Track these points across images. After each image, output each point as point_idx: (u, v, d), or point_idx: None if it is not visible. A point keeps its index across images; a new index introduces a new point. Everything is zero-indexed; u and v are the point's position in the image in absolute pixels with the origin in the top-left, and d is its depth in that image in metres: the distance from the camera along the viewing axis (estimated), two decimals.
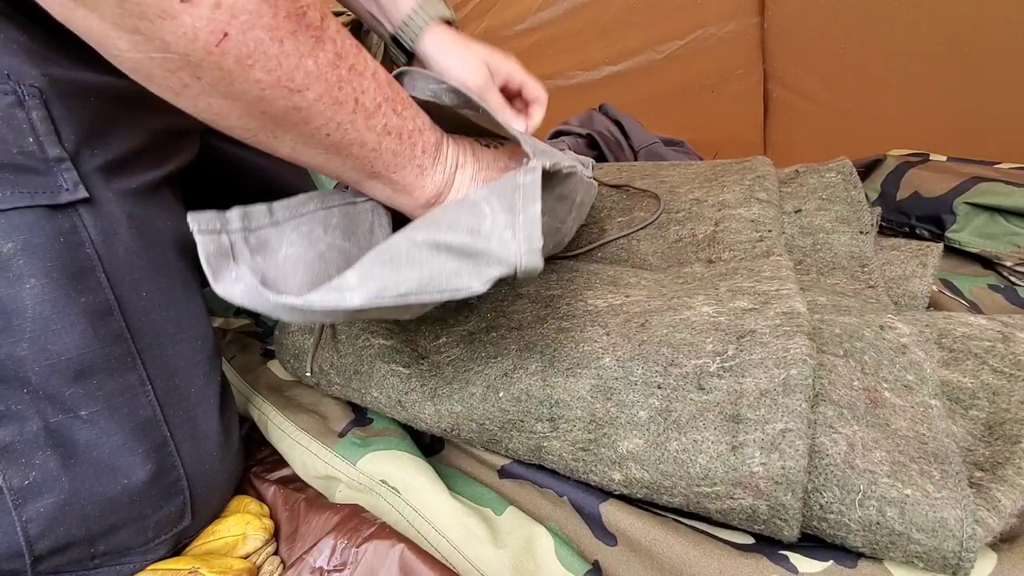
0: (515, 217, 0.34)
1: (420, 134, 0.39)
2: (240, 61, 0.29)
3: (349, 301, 0.31)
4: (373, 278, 0.31)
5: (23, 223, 0.35)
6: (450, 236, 0.33)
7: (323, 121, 0.34)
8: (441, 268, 0.32)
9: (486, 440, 0.43)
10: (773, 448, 0.33)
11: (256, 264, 0.35)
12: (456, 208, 0.35)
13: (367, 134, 0.36)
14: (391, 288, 0.31)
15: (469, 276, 0.32)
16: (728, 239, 0.54)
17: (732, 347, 0.37)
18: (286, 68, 0.31)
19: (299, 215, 0.38)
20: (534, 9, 1.20)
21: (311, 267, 0.37)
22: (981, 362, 0.41)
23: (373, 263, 0.32)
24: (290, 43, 0.30)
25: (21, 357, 0.35)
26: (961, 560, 0.31)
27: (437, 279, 0.32)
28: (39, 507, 0.36)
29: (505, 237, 0.33)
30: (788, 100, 1.15)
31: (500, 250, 0.33)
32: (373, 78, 0.35)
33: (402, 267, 0.32)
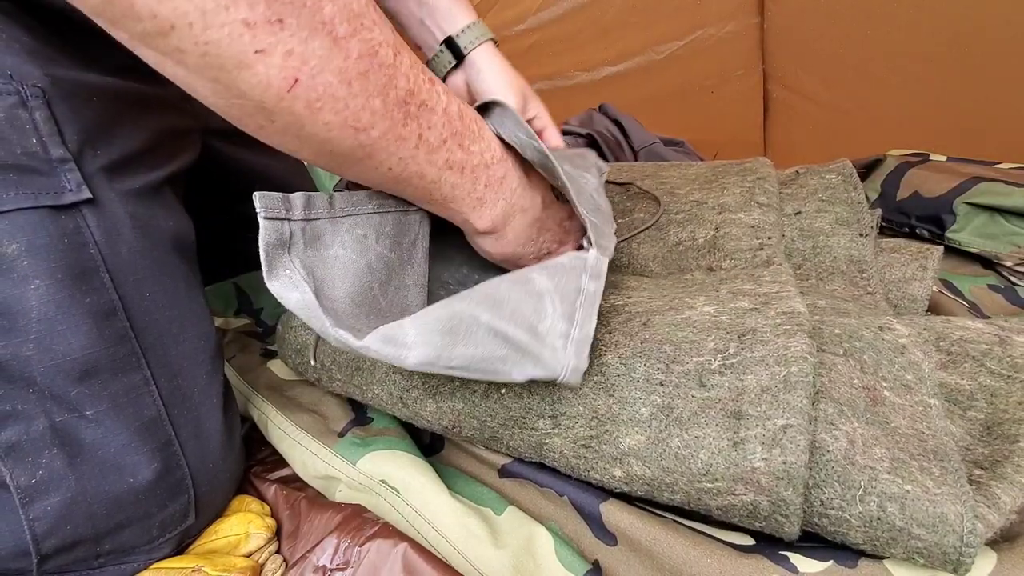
0: (571, 328, 0.36)
1: (485, 169, 0.40)
2: (310, 105, 0.30)
3: (404, 360, 0.33)
4: (431, 345, 0.33)
5: (27, 224, 0.35)
6: (511, 328, 0.35)
7: (385, 156, 0.35)
8: (492, 352, 0.34)
9: (487, 438, 0.43)
10: (774, 444, 0.33)
11: (307, 258, 0.36)
12: (520, 293, 0.37)
13: (428, 168, 0.37)
14: (444, 359, 0.33)
15: (513, 366, 0.35)
16: (728, 246, 0.54)
17: (733, 345, 0.38)
18: (353, 108, 0.32)
19: (357, 213, 0.39)
20: (534, 9, 1.20)
21: (359, 276, 0.38)
22: (979, 364, 0.41)
23: (433, 329, 0.34)
24: (358, 84, 0.31)
25: (27, 357, 0.35)
26: (961, 555, 0.31)
27: (486, 361, 0.34)
28: (46, 506, 0.36)
29: (557, 345, 0.35)
30: (788, 100, 1.15)
31: (550, 358, 0.35)
32: (444, 113, 0.36)
33: (459, 341, 0.34)
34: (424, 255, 0.45)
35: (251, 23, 0.27)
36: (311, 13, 0.28)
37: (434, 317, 0.34)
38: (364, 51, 0.31)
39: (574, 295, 0.38)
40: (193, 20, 0.26)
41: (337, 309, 0.36)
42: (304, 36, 0.28)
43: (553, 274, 0.39)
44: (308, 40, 0.29)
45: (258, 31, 0.27)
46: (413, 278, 0.44)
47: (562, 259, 0.41)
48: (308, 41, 0.29)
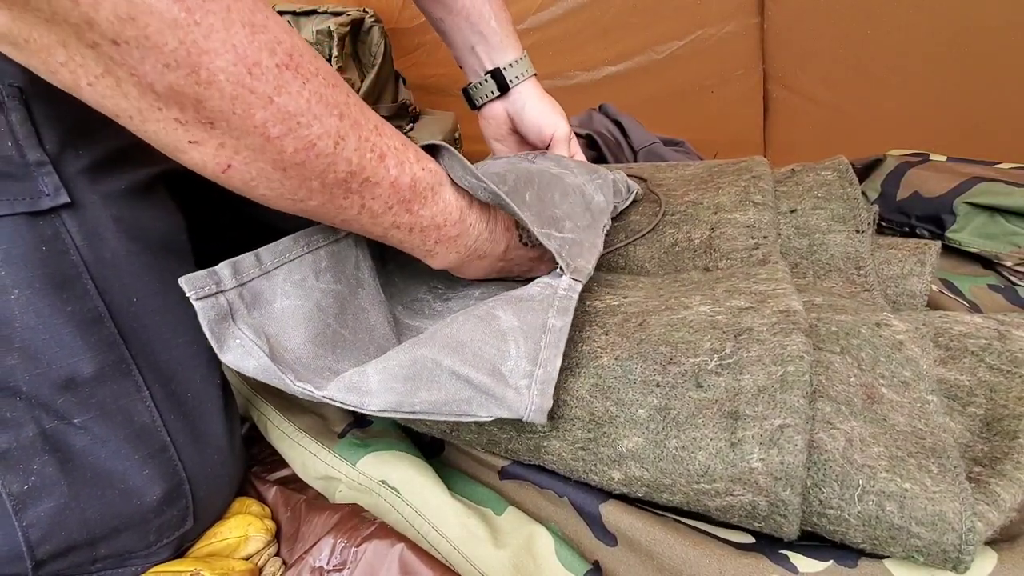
0: (535, 368, 0.36)
1: (436, 229, 0.41)
2: (245, 183, 0.33)
3: (368, 406, 0.34)
4: (393, 391, 0.34)
5: (3, 233, 0.34)
6: (473, 373, 0.35)
7: (328, 218, 0.38)
8: (456, 395, 0.35)
9: (486, 441, 0.43)
10: (772, 444, 0.33)
11: (254, 320, 0.37)
12: (483, 333, 0.37)
13: (372, 227, 0.39)
14: (407, 405, 0.34)
15: (478, 407, 0.35)
16: (724, 247, 0.54)
17: (730, 345, 0.38)
18: (289, 188, 0.34)
19: (288, 260, 0.40)
20: (534, 9, 1.20)
21: (311, 319, 0.39)
22: (978, 360, 0.41)
23: (394, 376, 0.35)
24: (294, 171, 0.33)
25: (11, 366, 0.35)
26: (961, 553, 0.31)
27: (450, 404, 0.35)
28: (39, 512, 0.36)
29: (521, 386, 0.36)
30: (788, 100, 1.15)
31: (514, 400, 0.35)
32: (391, 186, 0.38)
33: (421, 387, 0.35)
34: (372, 273, 0.45)
35: (183, 121, 0.30)
36: (241, 119, 0.30)
37: (396, 363, 0.35)
38: (299, 147, 0.32)
39: (539, 333, 0.38)
40: (132, 115, 0.30)
41: (300, 358, 0.37)
42: (236, 135, 0.31)
43: (519, 310, 0.39)
44: (240, 138, 0.31)
45: (190, 127, 0.30)
46: (368, 299, 0.44)
47: (531, 289, 0.41)
48: (240, 138, 0.31)
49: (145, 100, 0.29)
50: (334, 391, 0.34)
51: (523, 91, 0.60)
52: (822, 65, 1.09)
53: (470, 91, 0.63)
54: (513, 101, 0.61)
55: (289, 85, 0.31)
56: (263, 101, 0.30)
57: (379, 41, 1.23)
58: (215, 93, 0.29)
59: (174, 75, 0.28)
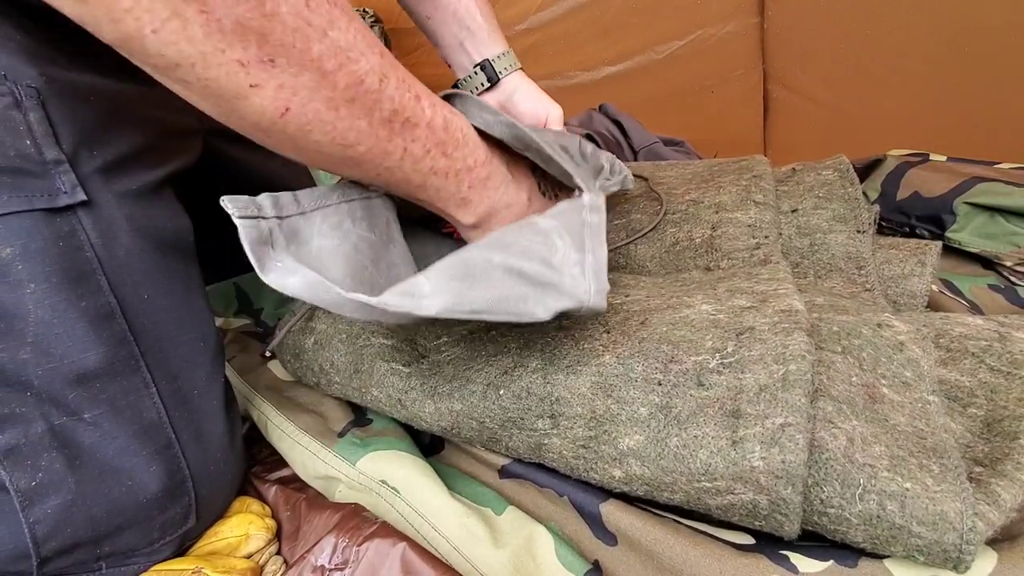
0: (584, 256, 0.37)
1: (468, 172, 0.43)
2: (300, 128, 0.34)
3: (425, 309, 0.32)
4: (448, 291, 0.33)
5: (21, 228, 0.34)
6: (525, 263, 0.35)
7: (373, 166, 0.38)
8: (511, 291, 0.34)
9: (486, 439, 0.43)
10: (773, 443, 0.33)
11: (293, 253, 0.36)
12: (527, 234, 0.37)
13: (413, 175, 0.40)
14: (464, 304, 0.33)
15: (535, 303, 0.34)
16: (726, 246, 0.54)
17: (731, 344, 0.38)
18: (340, 130, 0.35)
19: (325, 206, 0.40)
20: (534, 9, 1.20)
21: (348, 259, 0.39)
22: (979, 361, 0.41)
23: (448, 276, 0.34)
24: (345, 110, 0.34)
25: (24, 361, 0.35)
26: (962, 553, 0.31)
27: (507, 302, 0.34)
28: (46, 508, 0.36)
29: (575, 273, 0.36)
30: (788, 100, 1.15)
31: (571, 286, 0.35)
32: (427, 127, 0.39)
33: (476, 285, 0.34)
34: (400, 234, 0.46)
35: (245, 63, 0.30)
36: (300, 53, 0.31)
37: (447, 265, 0.34)
38: (350, 82, 0.34)
39: (579, 228, 0.38)
40: (195, 61, 0.29)
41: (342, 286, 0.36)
42: (294, 72, 0.31)
43: (555, 215, 0.40)
44: (298, 75, 0.32)
45: (252, 69, 0.30)
46: (399, 256, 0.44)
47: (559, 205, 0.41)
48: (298, 76, 0.32)
49: (210, 41, 0.29)
50: (389, 297, 0.32)
51: (512, 81, 0.61)
52: (822, 65, 1.09)
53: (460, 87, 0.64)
54: (504, 91, 0.62)
55: (339, 20, 0.32)
56: (319, 34, 0.31)
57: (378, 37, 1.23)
58: (278, 26, 0.30)
59: (242, 7, 0.29)
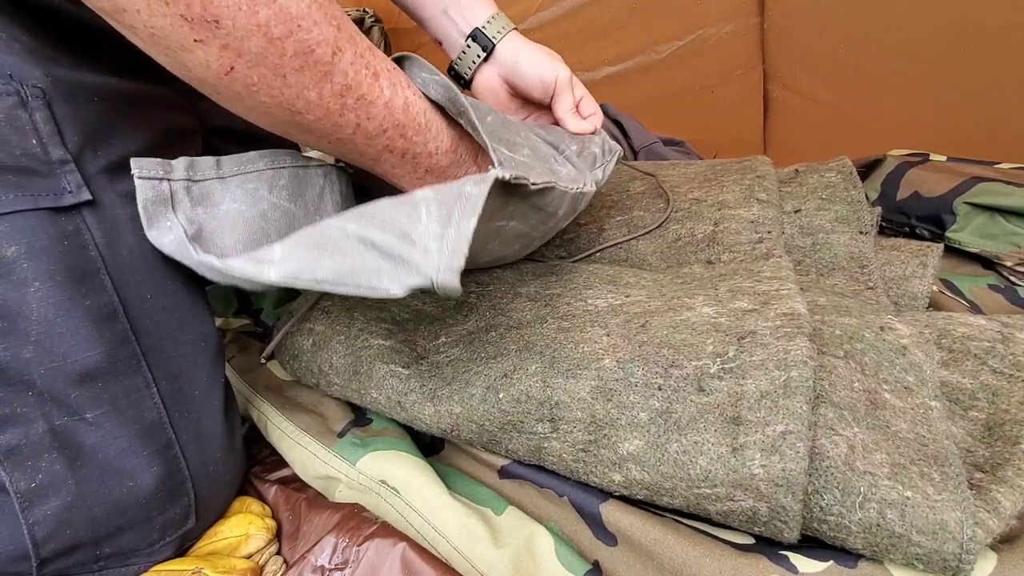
0: (447, 229, 0.32)
1: (429, 158, 0.42)
2: (247, 87, 0.34)
3: (266, 275, 0.32)
4: (295, 258, 0.32)
5: (26, 226, 0.34)
6: (379, 235, 0.32)
7: (323, 135, 0.38)
8: (364, 264, 0.32)
9: (486, 441, 0.43)
10: (773, 450, 0.33)
11: (196, 215, 0.38)
12: (396, 205, 0.33)
13: (366, 149, 0.40)
14: (308, 272, 0.31)
15: (389, 279, 0.31)
16: (727, 240, 0.54)
17: (733, 348, 0.38)
18: (288, 96, 0.35)
19: (246, 171, 0.40)
20: (534, 9, 1.19)
21: (250, 225, 0.39)
22: (981, 363, 0.41)
23: (300, 243, 0.32)
24: (293, 78, 0.34)
25: (26, 360, 0.35)
26: (961, 562, 0.31)
27: (357, 274, 0.31)
28: (46, 509, 0.36)
29: (431, 248, 0.32)
30: (788, 100, 1.15)
31: (421, 261, 0.31)
32: (385, 107, 0.38)
33: (325, 254, 0.32)
34: (335, 207, 0.45)
35: (189, 19, 0.30)
36: (246, 16, 0.31)
37: (304, 234, 0.33)
38: (299, 50, 0.33)
39: (454, 199, 0.33)
40: (140, 8, 0.30)
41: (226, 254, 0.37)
42: (240, 35, 0.31)
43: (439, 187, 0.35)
44: (244, 39, 0.32)
45: (196, 25, 0.30)
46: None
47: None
48: (244, 40, 0.32)
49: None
50: (235, 261, 0.32)
51: (509, 46, 0.56)
52: (822, 65, 1.09)
53: (455, 66, 0.59)
54: (502, 62, 0.57)
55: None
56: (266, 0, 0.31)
57: (379, 41, 1.23)
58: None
59: None
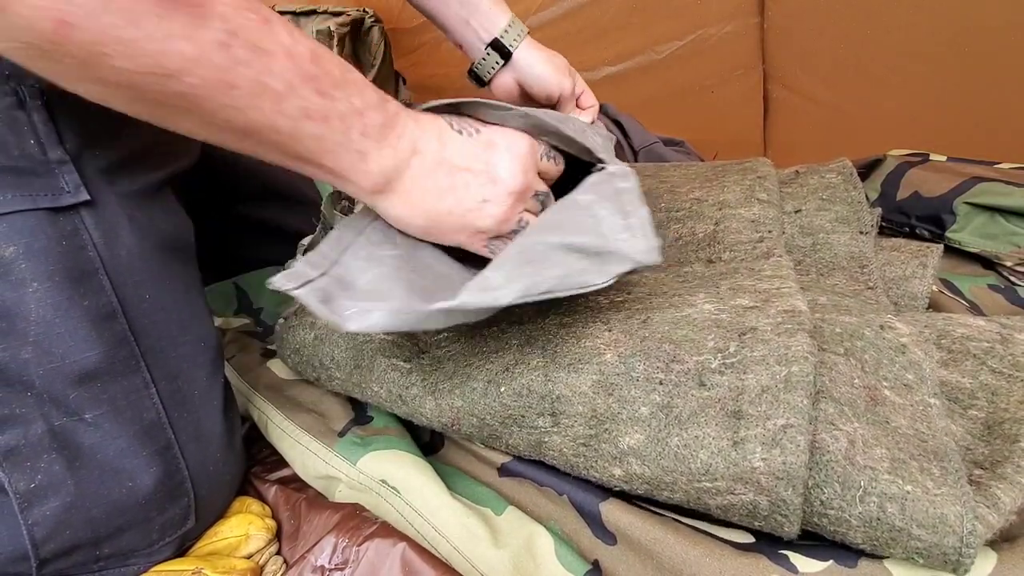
0: (627, 220, 0.39)
1: (359, 116, 0.34)
2: (91, 49, 0.26)
3: (502, 299, 0.34)
4: (519, 278, 0.35)
5: (25, 227, 0.34)
6: (579, 238, 0.38)
7: (215, 106, 0.30)
8: (572, 267, 0.37)
9: (486, 435, 0.43)
10: (774, 444, 0.33)
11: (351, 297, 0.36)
12: (571, 212, 0.40)
13: (278, 119, 0.32)
14: (534, 286, 0.35)
15: (595, 274, 0.37)
16: (728, 239, 0.54)
17: (734, 344, 0.38)
18: (152, 54, 0.27)
19: (349, 246, 0.40)
20: (534, 9, 1.19)
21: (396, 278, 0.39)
22: (980, 363, 0.41)
23: (512, 264, 0.36)
24: (152, 25, 0.27)
25: (25, 360, 0.35)
26: (961, 556, 0.31)
27: (571, 277, 0.36)
28: (45, 510, 0.36)
29: (624, 238, 0.38)
30: (788, 100, 1.15)
31: (626, 248, 0.38)
32: (288, 56, 0.31)
33: (542, 267, 0.36)
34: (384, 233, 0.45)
35: None
36: None
37: (508, 257, 0.37)
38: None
39: (615, 195, 0.40)
40: None
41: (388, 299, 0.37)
42: None
43: (589, 189, 0.42)
44: None
45: None
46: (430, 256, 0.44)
47: (589, 178, 0.43)
48: None
49: None
50: (465, 296, 0.34)
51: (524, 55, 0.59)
52: (822, 65, 1.09)
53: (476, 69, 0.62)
54: (519, 68, 0.59)
55: None
56: None
57: (379, 41, 1.23)
58: None
59: None
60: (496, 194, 0.39)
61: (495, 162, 0.39)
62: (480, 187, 0.39)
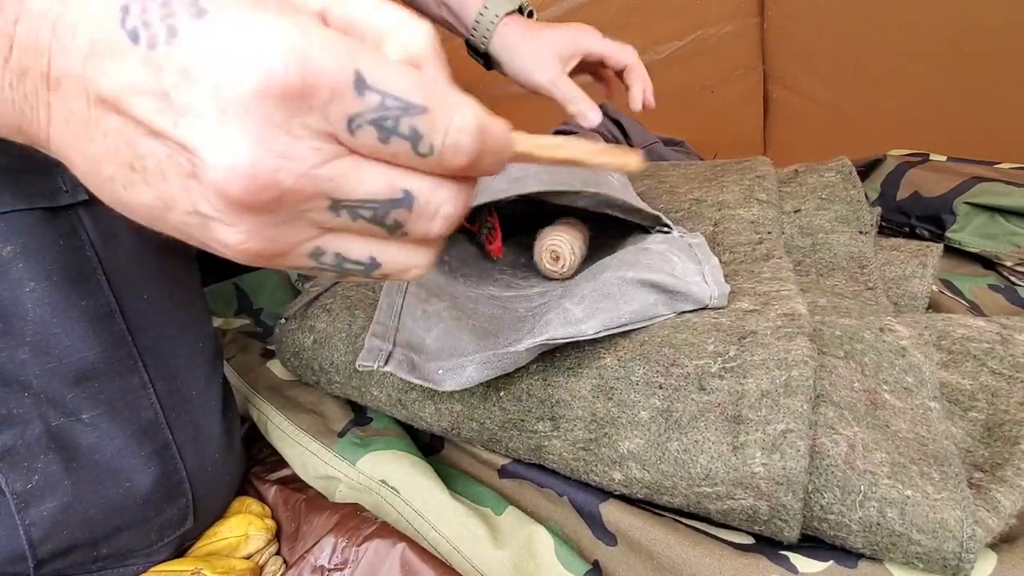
0: (701, 267, 0.44)
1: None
2: None
3: (587, 331, 0.38)
4: (600, 312, 0.39)
5: (22, 226, 0.34)
6: (656, 276, 0.41)
7: None
8: (647, 300, 0.40)
9: (486, 439, 0.43)
10: (774, 449, 0.33)
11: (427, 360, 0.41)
12: (646, 255, 0.43)
13: None
14: (615, 319, 0.39)
15: (664, 307, 0.41)
16: (727, 241, 0.54)
17: (733, 348, 0.38)
18: None
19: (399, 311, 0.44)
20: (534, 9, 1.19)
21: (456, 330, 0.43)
22: (980, 364, 0.41)
23: (593, 299, 0.40)
24: None
25: (22, 360, 0.35)
26: (961, 561, 0.31)
27: (645, 311, 0.40)
28: (42, 511, 0.36)
29: (697, 280, 0.42)
30: (788, 100, 1.15)
31: (698, 291, 0.41)
32: None
33: (619, 302, 0.40)
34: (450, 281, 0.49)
35: None
36: None
37: (587, 292, 0.40)
38: None
39: (687, 248, 0.45)
40: None
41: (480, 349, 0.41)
42: None
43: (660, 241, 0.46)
44: None
45: None
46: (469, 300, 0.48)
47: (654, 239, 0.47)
48: None
49: None
50: (552, 331, 0.37)
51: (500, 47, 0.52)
52: (822, 65, 1.09)
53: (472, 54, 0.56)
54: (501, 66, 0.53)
55: None
56: None
57: None
58: None
59: None
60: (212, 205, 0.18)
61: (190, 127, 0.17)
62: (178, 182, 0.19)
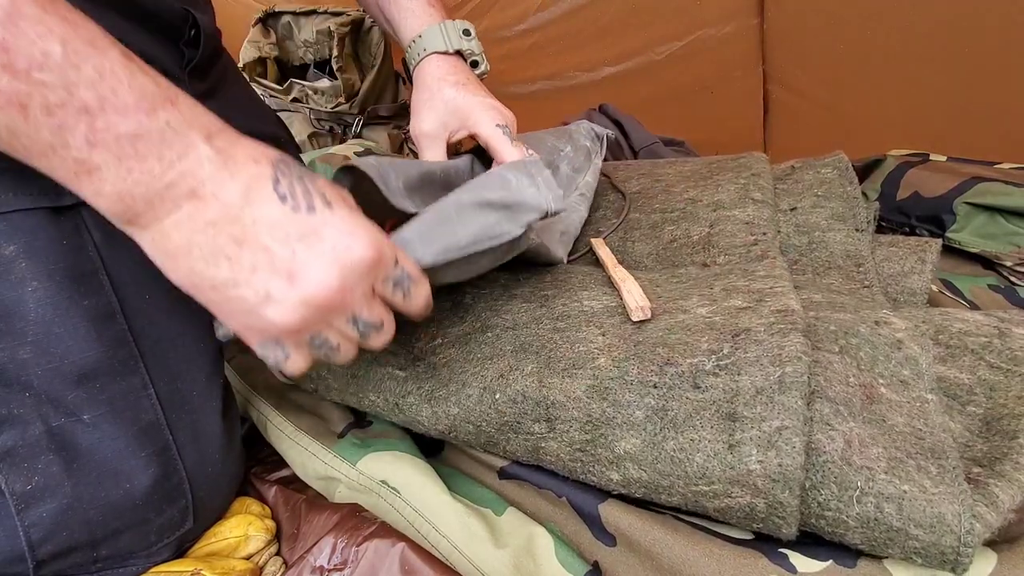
0: (534, 179, 0.43)
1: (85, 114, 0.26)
2: None
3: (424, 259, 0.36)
4: (437, 238, 0.37)
5: (25, 226, 0.34)
6: (490, 193, 0.40)
7: None
8: (486, 220, 0.39)
9: (484, 442, 0.43)
10: (770, 446, 0.33)
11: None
12: (477, 179, 0.43)
13: None
14: (453, 244, 0.37)
15: (509, 223, 0.40)
16: (723, 243, 0.54)
17: (727, 345, 0.37)
18: None
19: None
20: (534, 9, 1.20)
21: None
22: (978, 358, 0.41)
23: (430, 226, 0.37)
24: None
25: (24, 360, 0.35)
26: (959, 555, 0.31)
27: (488, 228, 0.39)
28: (42, 512, 0.36)
29: (531, 192, 0.42)
30: (788, 100, 1.15)
31: (532, 198, 0.42)
32: None
33: (456, 226, 0.38)
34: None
35: None
36: None
37: (424, 220, 0.38)
38: None
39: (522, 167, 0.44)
40: None
41: None
42: None
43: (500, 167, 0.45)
44: None
45: None
46: None
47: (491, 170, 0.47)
48: None
49: None
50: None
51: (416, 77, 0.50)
52: (822, 65, 1.09)
53: None
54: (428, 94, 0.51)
55: None
56: None
57: (379, 41, 1.23)
58: None
59: None
60: (286, 296, 0.29)
61: (306, 258, 0.29)
62: (269, 277, 0.29)
